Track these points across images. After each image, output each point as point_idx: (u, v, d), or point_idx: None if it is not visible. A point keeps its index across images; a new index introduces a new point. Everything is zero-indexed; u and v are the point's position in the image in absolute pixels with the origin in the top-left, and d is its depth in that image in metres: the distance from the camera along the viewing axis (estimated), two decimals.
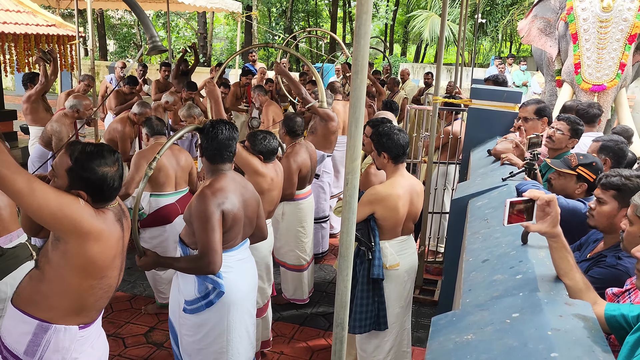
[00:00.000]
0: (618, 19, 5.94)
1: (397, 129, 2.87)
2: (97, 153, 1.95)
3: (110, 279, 2.07)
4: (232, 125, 2.56)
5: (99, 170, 1.93)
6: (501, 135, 4.21)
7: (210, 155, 2.53)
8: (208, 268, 2.39)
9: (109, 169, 1.96)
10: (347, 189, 1.60)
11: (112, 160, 1.98)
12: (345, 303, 1.66)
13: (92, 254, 1.92)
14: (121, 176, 2.03)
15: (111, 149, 2.02)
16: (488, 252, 2.01)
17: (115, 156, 2.01)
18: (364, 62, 1.54)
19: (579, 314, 1.39)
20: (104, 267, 1.98)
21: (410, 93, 9.31)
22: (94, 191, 1.94)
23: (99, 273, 1.98)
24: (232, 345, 2.58)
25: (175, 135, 2.48)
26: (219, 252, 2.38)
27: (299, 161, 3.95)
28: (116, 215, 2.06)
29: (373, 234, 2.79)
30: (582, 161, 2.53)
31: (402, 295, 2.97)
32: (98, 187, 1.94)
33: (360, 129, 1.59)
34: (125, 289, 4.48)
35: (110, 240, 1.98)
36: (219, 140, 2.49)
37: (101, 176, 1.93)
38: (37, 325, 1.97)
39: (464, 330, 1.46)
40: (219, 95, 3.25)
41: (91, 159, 1.93)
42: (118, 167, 2.00)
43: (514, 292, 1.60)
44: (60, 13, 11.65)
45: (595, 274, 1.95)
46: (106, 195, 1.99)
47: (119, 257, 2.10)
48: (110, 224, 1.99)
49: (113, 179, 1.97)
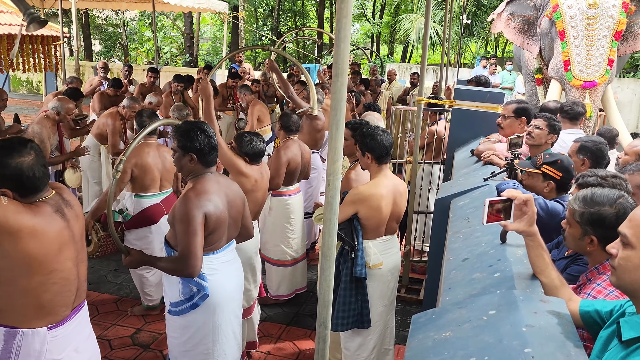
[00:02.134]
0: (604, 16, 6.02)
1: (380, 129, 2.91)
2: (6, 147, 1.91)
3: (64, 272, 2.02)
4: (209, 132, 2.54)
5: (11, 162, 1.88)
6: (484, 136, 4.27)
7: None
8: (187, 271, 2.37)
9: (22, 159, 1.90)
10: (329, 190, 1.62)
11: (25, 150, 1.92)
12: (328, 302, 1.68)
13: (29, 250, 1.88)
14: (44, 165, 1.97)
15: (22, 140, 1.97)
16: (468, 251, 2.06)
17: (29, 146, 1.95)
18: (344, 66, 1.56)
19: (553, 310, 1.43)
20: (47, 261, 1.94)
21: (396, 93, 9.38)
22: (15, 185, 1.90)
23: (44, 268, 1.94)
24: (218, 346, 2.59)
25: (143, 130, 2.44)
26: (199, 256, 2.36)
27: (289, 155, 4.03)
28: (54, 206, 2.01)
29: (356, 233, 2.82)
30: (547, 160, 2.58)
31: (385, 294, 3.00)
32: (17, 181, 1.89)
33: (341, 131, 1.61)
34: (112, 291, 4.47)
35: (47, 233, 1.93)
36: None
37: (15, 168, 1.88)
38: (4, 332, 1.95)
39: (443, 327, 1.49)
40: (211, 93, 3.26)
41: (2, 154, 1.89)
42: (34, 155, 1.94)
43: (491, 290, 1.63)
44: (44, 13, 11.56)
45: (573, 272, 2.00)
46: (29, 187, 1.93)
47: (69, 247, 2.05)
48: (46, 216, 1.95)
49: (31, 169, 1.91)
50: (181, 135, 2.49)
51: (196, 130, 2.48)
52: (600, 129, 4.91)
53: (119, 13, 21.96)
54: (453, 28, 16.19)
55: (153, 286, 4.06)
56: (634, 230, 1.27)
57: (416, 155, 4.64)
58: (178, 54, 22.91)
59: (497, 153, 3.43)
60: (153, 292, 4.07)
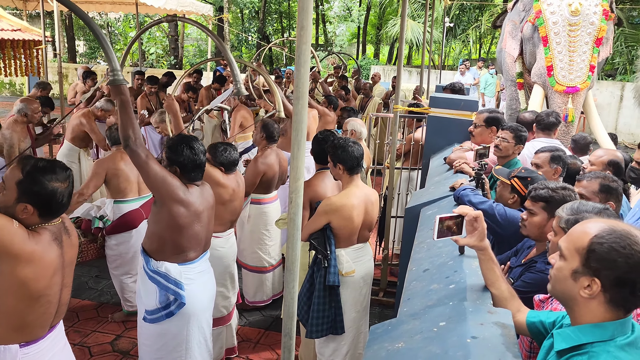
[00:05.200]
0: (586, 23, 6.15)
1: (351, 141, 2.99)
2: (49, 168, 2.00)
3: (50, 296, 2.06)
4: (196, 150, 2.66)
5: (49, 185, 1.97)
6: (459, 143, 4.38)
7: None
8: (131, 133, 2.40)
9: (59, 185, 2.00)
10: (291, 207, 1.70)
11: (64, 176, 2.03)
12: (293, 314, 1.76)
13: (23, 276, 1.93)
14: (70, 193, 2.07)
15: (64, 166, 2.07)
16: (430, 262, 2.15)
17: (67, 173, 2.05)
18: (305, 89, 1.64)
19: (499, 321, 1.52)
20: (39, 288, 1.99)
21: (379, 97, 9.48)
22: (42, 206, 1.98)
23: (34, 294, 1.99)
24: (190, 354, 2.66)
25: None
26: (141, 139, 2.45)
27: (266, 163, 4.08)
28: (54, 235, 2.07)
29: (329, 242, 2.90)
30: (520, 174, 2.68)
31: (358, 301, 3.09)
32: (46, 202, 1.98)
33: (303, 151, 1.69)
34: (92, 297, 4.50)
35: (43, 261, 1.98)
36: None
37: (51, 191, 1.97)
38: None
39: (397, 338, 1.58)
40: (177, 109, 3.34)
41: (43, 173, 1.97)
42: (69, 184, 2.04)
43: (445, 301, 1.72)
44: (27, 14, 11.49)
45: (527, 279, 2.10)
46: (53, 211, 2.02)
47: (59, 273, 2.10)
48: (44, 245, 2.00)
49: (62, 195, 2.01)
50: (169, 148, 2.65)
51: (184, 146, 2.61)
52: (575, 136, 5.03)
53: (102, 15, 21.83)
54: (437, 30, 16.35)
55: (133, 291, 4.10)
56: (567, 244, 1.37)
57: (393, 161, 4.74)
58: (163, 55, 22.85)
59: (467, 162, 3.54)
60: (134, 297, 4.11)
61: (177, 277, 2.60)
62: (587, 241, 1.31)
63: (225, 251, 3.48)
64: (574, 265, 1.34)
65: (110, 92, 3.22)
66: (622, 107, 12.94)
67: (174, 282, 2.58)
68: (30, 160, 2.01)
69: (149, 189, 2.60)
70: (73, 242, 2.20)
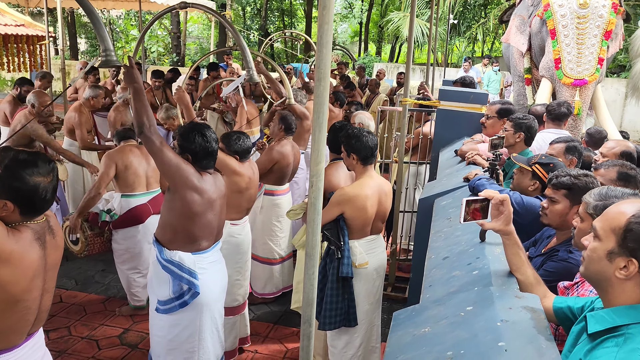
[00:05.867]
0: (594, 16, 6.11)
1: (366, 131, 2.96)
2: (30, 161, 1.81)
3: (28, 302, 1.88)
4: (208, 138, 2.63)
5: (31, 179, 1.79)
6: (468, 136, 4.34)
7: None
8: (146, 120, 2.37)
9: (42, 180, 1.82)
10: (312, 191, 1.67)
11: (47, 170, 1.85)
12: (312, 300, 1.73)
13: (0, 278, 1.75)
14: (55, 188, 1.89)
15: (46, 158, 1.89)
16: (449, 250, 2.11)
17: (51, 166, 1.87)
18: (327, 70, 1.61)
19: (527, 306, 1.49)
20: (16, 292, 1.81)
21: (383, 93, 9.44)
22: (24, 203, 1.80)
23: (11, 299, 1.80)
24: (203, 344, 2.63)
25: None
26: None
27: (281, 152, 4.09)
28: (36, 234, 1.89)
29: (342, 233, 2.87)
30: (541, 160, 2.64)
31: (371, 293, 3.06)
32: (28, 199, 1.80)
33: (324, 134, 1.66)
34: (99, 291, 4.48)
35: (23, 262, 1.81)
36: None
37: (33, 187, 1.79)
38: None
39: (422, 324, 1.55)
40: (189, 101, 3.32)
41: (23, 168, 1.79)
42: (52, 178, 1.87)
43: (469, 287, 1.69)
44: (29, 12, 11.46)
45: (549, 268, 2.06)
46: (37, 208, 1.85)
47: (39, 277, 1.91)
48: (25, 244, 1.83)
49: (46, 190, 1.83)
50: (181, 135, 2.60)
51: (196, 133, 2.58)
52: (590, 129, 4.97)
53: (104, 12, 21.80)
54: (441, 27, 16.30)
55: (140, 287, 4.08)
56: (602, 224, 1.34)
57: (402, 155, 4.70)
58: (165, 53, 22.82)
59: (480, 153, 3.50)
60: (140, 292, 4.09)
61: (190, 267, 2.57)
62: (625, 221, 1.28)
63: (242, 238, 3.51)
64: (609, 246, 1.31)
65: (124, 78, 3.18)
66: (627, 104, 12.89)
67: (188, 271, 2.55)
68: (9, 152, 1.82)
69: (163, 176, 2.56)
70: (58, 244, 2.01)
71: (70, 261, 4.79)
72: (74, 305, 4.22)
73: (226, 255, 3.39)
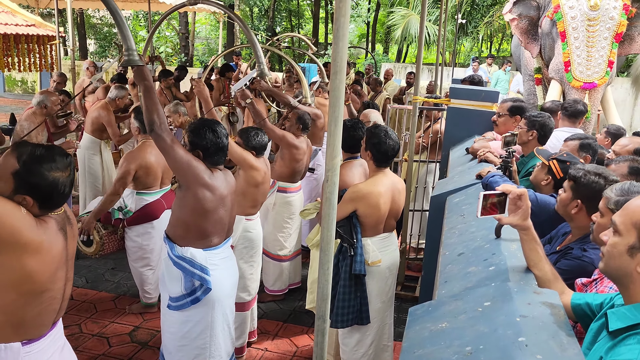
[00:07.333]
0: (605, 18, 6.05)
1: (391, 137, 2.91)
2: (47, 156, 1.81)
3: (53, 292, 1.92)
4: (219, 133, 2.62)
5: (49, 175, 1.80)
6: (479, 134, 4.32)
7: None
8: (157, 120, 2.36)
9: (60, 174, 1.83)
10: (327, 186, 1.65)
11: (64, 164, 1.85)
12: (327, 296, 1.72)
13: (30, 268, 1.78)
14: (72, 182, 1.90)
15: (63, 152, 1.90)
16: (464, 246, 2.10)
17: (68, 160, 1.88)
18: (343, 63, 1.60)
19: (547, 301, 1.47)
20: (42, 280, 1.84)
21: (391, 93, 9.42)
22: (43, 198, 1.81)
23: (38, 287, 1.84)
24: (214, 340, 2.63)
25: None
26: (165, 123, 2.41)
27: (298, 145, 4.19)
28: (59, 224, 1.92)
29: (355, 230, 2.86)
30: (560, 157, 2.62)
31: (383, 291, 3.04)
32: (47, 194, 1.81)
33: (340, 128, 1.65)
34: (109, 289, 4.49)
35: (50, 252, 1.84)
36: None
37: (52, 182, 1.80)
38: None
39: (439, 319, 1.53)
40: (207, 94, 3.33)
41: (41, 163, 1.79)
42: (70, 172, 1.88)
43: (486, 282, 1.67)
44: (39, 12, 11.54)
45: (563, 266, 2.04)
46: (55, 202, 1.87)
47: (63, 267, 1.96)
48: (52, 234, 1.86)
49: (64, 185, 1.84)
50: (191, 131, 2.59)
51: (206, 129, 2.57)
52: (610, 128, 4.91)
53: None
54: (448, 27, 16.25)
55: (153, 284, 4.08)
56: (623, 219, 1.32)
57: (412, 153, 4.68)
58: (173, 54, 22.88)
59: (492, 151, 3.48)
60: (152, 289, 4.10)
61: (202, 263, 2.57)
62: None
63: (257, 233, 3.55)
64: (630, 241, 1.29)
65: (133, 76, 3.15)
66: (638, 104, 12.78)
67: (200, 267, 2.55)
68: (27, 147, 1.82)
69: (175, 173, 2.56)
70: (75, 233, 2.06)
71: (80, 259, 4.81)
72: (84, 303, 4.23)
73: (242, 250, 3.42)
